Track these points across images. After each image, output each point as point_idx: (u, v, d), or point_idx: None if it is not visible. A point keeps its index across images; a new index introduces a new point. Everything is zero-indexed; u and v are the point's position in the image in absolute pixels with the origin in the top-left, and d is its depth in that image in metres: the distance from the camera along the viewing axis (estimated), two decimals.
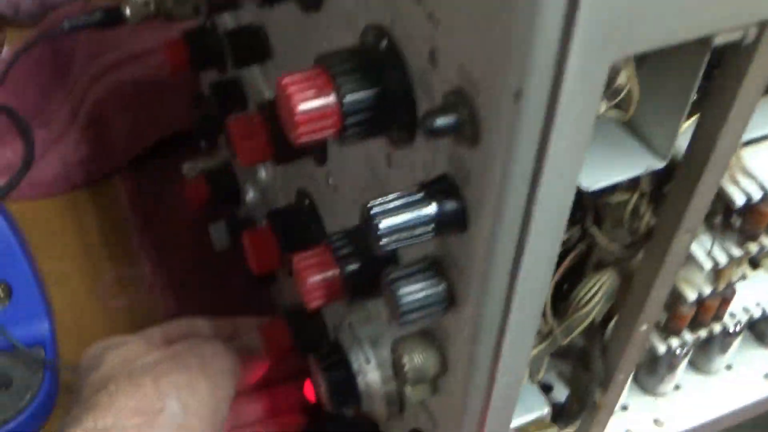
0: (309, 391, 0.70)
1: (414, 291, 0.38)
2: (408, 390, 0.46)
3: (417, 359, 0.43)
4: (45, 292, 0.76)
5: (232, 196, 0.77)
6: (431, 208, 0.35)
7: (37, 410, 0.69)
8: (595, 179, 0.40)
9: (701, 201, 0.43)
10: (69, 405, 0.69)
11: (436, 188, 0.35)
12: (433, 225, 0.35)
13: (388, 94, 0.37)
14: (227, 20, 0.65)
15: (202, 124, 0.73)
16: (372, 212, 0.34)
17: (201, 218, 0.82)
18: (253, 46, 0.56)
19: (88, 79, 0.89)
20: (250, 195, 0.71)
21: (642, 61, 0.38)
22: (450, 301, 0.39)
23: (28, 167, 0.86)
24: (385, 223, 0.34)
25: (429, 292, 0.38)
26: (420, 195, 0.35)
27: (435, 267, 0.39)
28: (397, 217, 0.34)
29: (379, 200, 0.35)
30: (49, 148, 0.87)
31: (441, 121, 0.32)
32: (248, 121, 0.51)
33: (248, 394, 0.67)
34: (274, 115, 0.50)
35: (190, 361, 0.60)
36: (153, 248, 0.83)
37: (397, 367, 0.43)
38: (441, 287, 0.38)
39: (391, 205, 0.35)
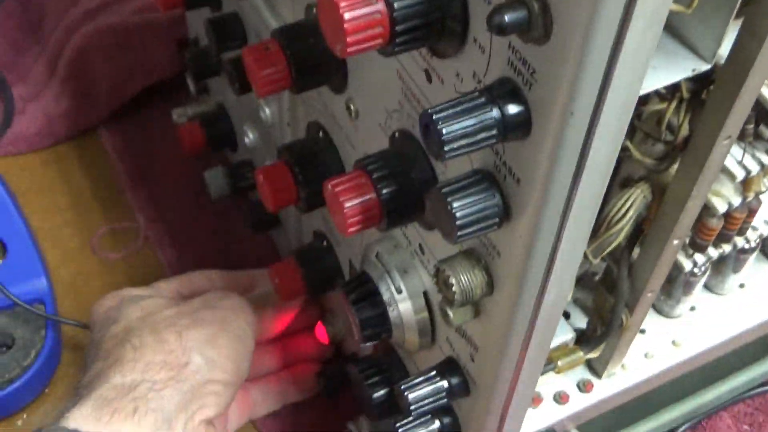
0: (321, 333, 0.69)
1: (469, 204, 0.37)
2: (450, 313, 0.44)
3: (464, 280, 0.42)
4: (39, 248, 0.74)
5: (229, 138, 0.75)
6: (494, 112, 0.33)
7: (43, 367, 0.67)
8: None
9: (743, 105, 0.42)
10: (79, 360, 0.68)
11: (498, 92, 0.33)
12: (496, 130, 0.33)
13: None
14: None
15: (193, 67, 0.71)
16: (434, 118, 0.33)
17: (193, 167, 0.80)
18: None
19: (64, 30, 0.86)
20: (250, 137, 0.69)
21: None
22: (505, 214, 0.38)
23: (8, 123, 0.83)
24: (448, 129, 0.33)
25: (484, 204, 0.37)
26: (482, 99, 0.33)
27: (488, 179, 0.37)
28: (461, 122, 0.33)
29: (439, 107, 0.33)
30: (30, 102, 0.84)
31: (510, 17, 0.30)
32: (264, 49, 0.49)
33: (262, 346, 0.65)
34: (294, 41, 0.49)
35: (210, 316, 0.59)
36: (145, 199, 0.80)
37: (443, 290, 0.42)
38: (496, 199, 0.37)
39: (452, 110, 0.33)
